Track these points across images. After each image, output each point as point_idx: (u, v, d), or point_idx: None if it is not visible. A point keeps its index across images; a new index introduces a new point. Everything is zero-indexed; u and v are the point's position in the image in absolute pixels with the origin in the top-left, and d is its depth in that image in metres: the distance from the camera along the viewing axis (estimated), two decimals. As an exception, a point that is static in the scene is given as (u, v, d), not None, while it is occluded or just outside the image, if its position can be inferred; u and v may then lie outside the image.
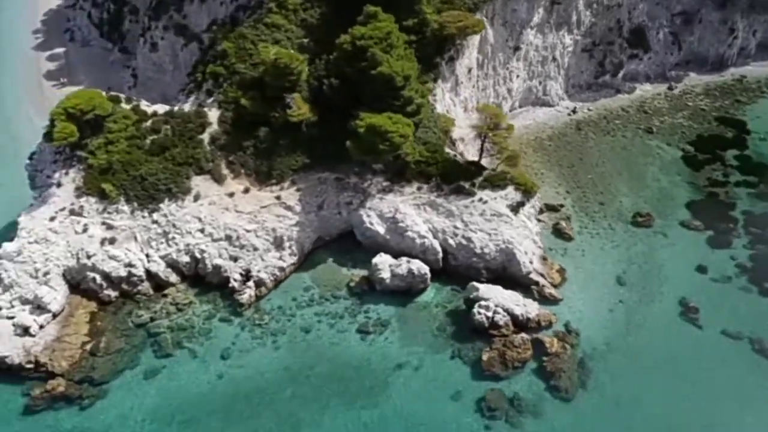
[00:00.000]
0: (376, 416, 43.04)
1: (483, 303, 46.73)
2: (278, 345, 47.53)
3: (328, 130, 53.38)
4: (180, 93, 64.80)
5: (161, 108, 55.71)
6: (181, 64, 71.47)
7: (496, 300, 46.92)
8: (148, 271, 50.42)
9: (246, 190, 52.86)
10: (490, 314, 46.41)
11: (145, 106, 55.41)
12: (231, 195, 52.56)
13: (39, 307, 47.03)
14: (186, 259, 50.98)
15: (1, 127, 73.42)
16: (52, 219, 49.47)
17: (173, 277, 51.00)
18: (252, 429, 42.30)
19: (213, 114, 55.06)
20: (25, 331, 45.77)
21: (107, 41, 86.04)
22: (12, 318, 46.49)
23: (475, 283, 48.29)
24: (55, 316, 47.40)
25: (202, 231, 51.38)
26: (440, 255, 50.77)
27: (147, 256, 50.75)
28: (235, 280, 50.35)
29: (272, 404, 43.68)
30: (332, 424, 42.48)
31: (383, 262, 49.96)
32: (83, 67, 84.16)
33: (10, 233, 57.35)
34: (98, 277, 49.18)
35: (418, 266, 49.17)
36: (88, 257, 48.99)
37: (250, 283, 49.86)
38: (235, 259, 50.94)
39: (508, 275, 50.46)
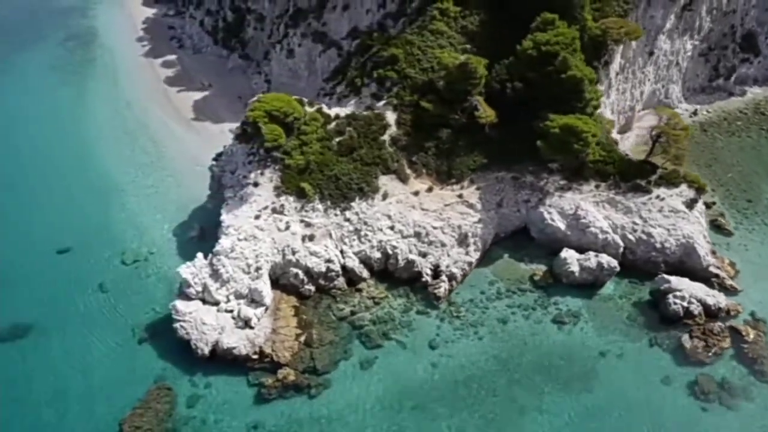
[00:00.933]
0: (594, 400, 45.27)
1: (677, 294, 49.18)
2: (480, 335, 49.79)
3: (504, 130, 55.86)
4: (318, 97, 67.48)
5: (341, 111, 57.97)
6: (318, 69, 74.13)
7: (689, 291, 49.44)
8: (343, 267, 52.77)
9: (429, 189, 55.28)
10: (685, 304, 48.88)
11: (326, 109, 57.74)
12: (416, 194, 54.95)
13: (253, 301, 49.29)
14: (378, 255, 53.27)
15: (140, 131, 75.78)
16: (257, 217, 51.71)
17: (365, 273, 53.32)
18: (479, 414, 44.48)
19: (389, 116, 57.47)
20: (246, 323, 47.97)
21: (222, 48, 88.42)
22: (230, 311, 48.79)
23: (664, 275, 50.79)
24: (266, 309, 49.70)
25: (392, 228, 53.75)
26: (621, 249, 53.22)
27: (341, 252, 53.10)
28: (426, 274, 52.74)
29: (492, 391, 45.87)
30: (555, 409, 44.71)
31: (571, 256, 52.36)
32: (203, 73, 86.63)
33: (187, 232, 60.39)
34: (301, 273, 51.46)
35: (607, 260, 51.61)
36: (293, 253, 51.33)
37: (444, 277, 52.21)
38: (424, 254, 53.26)
39: (685, 269, 52.79)
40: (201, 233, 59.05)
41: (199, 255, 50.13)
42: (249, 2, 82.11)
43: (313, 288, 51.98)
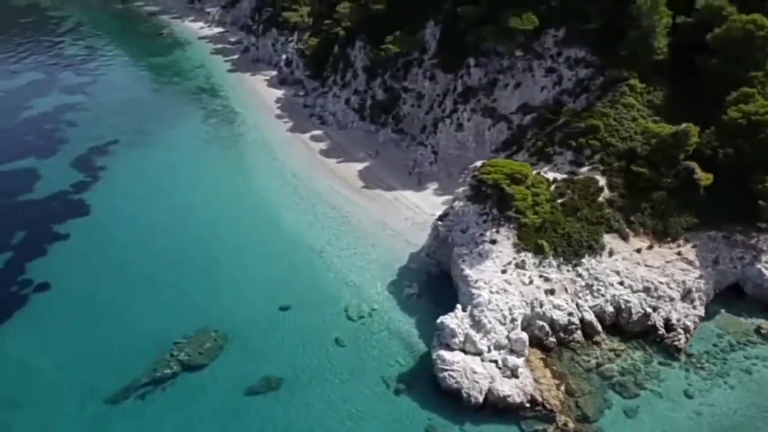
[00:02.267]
0: None
1: None
2: (731, 385, 51.46)
3: (709, 192, 60.12)
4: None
5: (557, 175, 62.53)
6: (486, 141, 79.64)
7: None
8: (581, 320, 55.31)
9: (650, 247, 58.81)
10: None
11: (543, 173, 62.34)
12: (638, 251, 58.42)
13: (513, 351, 51.46)
14: (610, 309, 55.97)
15: (315, 198, 79.67)
16: (503, 271, 54.88)
17: (599, 326, 55.76)
18: (763, 460, 45.87)
19: (600, 180, 61.91)
20: (513, 372, 49.92)
21: (370, 123, 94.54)
22: (494, 361, 50.82)
23: None
24: (524, 360, 51.71)
25: (621, 283, 56.74)
26: (843, 302, 56.12)
27: (577, 306, 55.81)
28: (660, 327, 55.21)
29: (765, 437, 47.46)
30: (833, 453, 46.19)
31: (801, 309, 55.19)
32: (356, 146, 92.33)
33: (404, 290, 63.04)
34: (546, 325, 54.01)
35: (840, 311, 54.38)
36: (540, 306, 54.07)
37: (680, 330, 54.64)
38: (654, 308, 55.93)
39: None
40: (420, 291, 62.03)
41: (458, 307, 52.82)
42: (405, 82, 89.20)
43: (554, 340, 54.32)
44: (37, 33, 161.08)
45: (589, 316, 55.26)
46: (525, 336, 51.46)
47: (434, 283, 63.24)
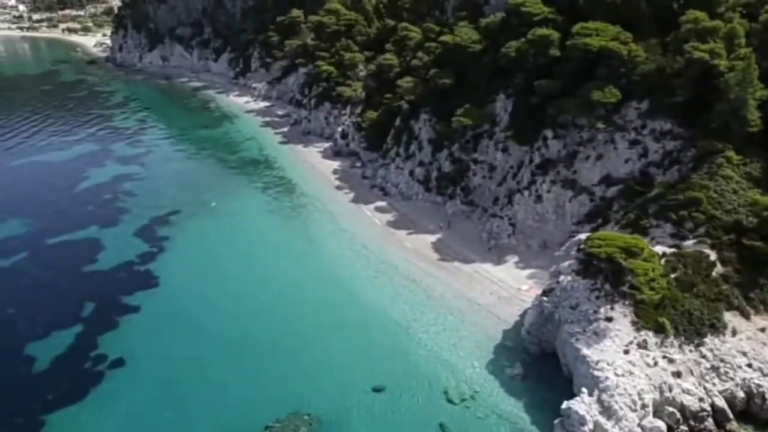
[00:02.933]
0: None
1: None
2: None
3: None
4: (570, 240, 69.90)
5: (664, 249, 59.93)
6: (567, 213, 77.59)
7: None
8: (711, 406, 51.05)
9: (774, 326, 55.38)
10: None
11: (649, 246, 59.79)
12: (762, 330, 54.82)
13: (647, 441, 47.18)
14: (741, 394, 51.76)
15: (391, 271, 76.94)
16: (626, 352, 51.30)
17: (730, 413, 51.38)
18: None
19: (711, 254, 59.22)
20: (652, 466, 45.50)
21: (436, 195, 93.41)
22: (630, 452, 46.46)
23: None
24: (660, 451, 47.30)
25: (750, 366, 52.80)
26: None
27: (705, 390, 51.70)
28: (799, 415, 50.86)
29: None
30: None
31: None
32: (424, 217, 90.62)
33: (505, 370, 59.13)
34: (676, 412, 49.78)
35: None
36: (670, 390, 50.06)
37: (823, 419, 50.24)
38: (789, 394, 51.79)
39: None
40: (523, 371, 58.19)
41: (584, 390, 48.94)
42: (475, 154, 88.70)
43: (686, 429, 49.90)
44: (89, 107, 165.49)
45: (720, 402, 51.01)
46: (662, 425, 47.28)
47: (536, 363, 59.49)
